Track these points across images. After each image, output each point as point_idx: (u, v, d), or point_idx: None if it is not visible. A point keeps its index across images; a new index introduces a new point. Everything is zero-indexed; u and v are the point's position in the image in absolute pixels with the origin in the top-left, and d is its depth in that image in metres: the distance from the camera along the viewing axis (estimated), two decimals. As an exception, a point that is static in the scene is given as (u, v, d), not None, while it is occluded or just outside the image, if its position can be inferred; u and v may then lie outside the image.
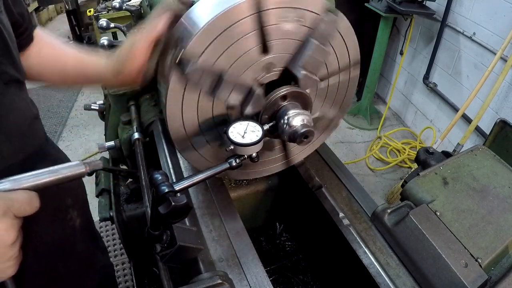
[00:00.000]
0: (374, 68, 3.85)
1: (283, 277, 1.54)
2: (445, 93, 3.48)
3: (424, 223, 0.85)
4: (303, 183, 1.17)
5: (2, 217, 0.53)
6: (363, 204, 1.07)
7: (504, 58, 2.68)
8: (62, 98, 4.48)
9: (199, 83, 0.79)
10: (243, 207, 1.23)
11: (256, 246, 0.96)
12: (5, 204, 0.54)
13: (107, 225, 2.78)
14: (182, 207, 0.68)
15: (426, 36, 3.64)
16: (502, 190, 0.96)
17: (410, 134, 3.97)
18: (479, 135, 3.05)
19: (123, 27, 1.75)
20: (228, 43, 0.78)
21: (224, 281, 0.76)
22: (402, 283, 0.86)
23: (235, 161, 0.82)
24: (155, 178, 0.70)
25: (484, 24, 2.92)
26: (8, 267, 0.55)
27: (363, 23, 3.88)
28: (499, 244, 0.85)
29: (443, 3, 3.26)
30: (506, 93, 2.80)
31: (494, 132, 1.40)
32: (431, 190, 0.94)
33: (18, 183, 0.58)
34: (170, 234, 0.80)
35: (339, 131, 3.96)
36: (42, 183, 0.59)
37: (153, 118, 1.46)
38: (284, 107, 0.87)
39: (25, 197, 0.57)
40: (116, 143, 1.58)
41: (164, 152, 1.23)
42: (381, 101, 4.55)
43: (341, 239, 0.98)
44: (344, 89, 1.03)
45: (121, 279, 2.42)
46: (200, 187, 1.08)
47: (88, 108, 1.86)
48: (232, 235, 0.95)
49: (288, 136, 0.85)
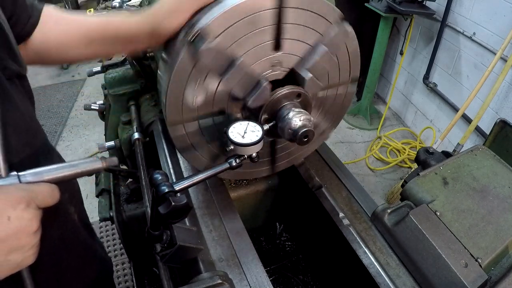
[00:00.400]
0: (374, 68, 3.85)
1: (283, 277, 1.54)
2: (445, 93, 3.48)
3: (424, 223, 0.85)
4: (303, 183, 1.17)
5: (26, 208, 0.55)
6: (363, 204, 1.07)
7: (504, 58, 2.68)
8: (62, 98, 4.48)
9: (210, 65, 0.78)
10: (243, 207, 1.23)
11: (256, 246, 0.96)
12: (29, 195, 0.56)
13: (107, 225, 2.78)
14: (182, 207, 0.68)
15: (426, 36, 3.64)
16: (502, 190, 0.96)
17: (410, 134, 3.97)
18: (479, 135, 3.05)
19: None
20: (246, 31, 0.78)
21: (224, 281, 0.76)
22: (402, 283, 0.86)
23: (235, 161, 0.82)
24: (155, 178, 0.70)
25: (484, 24, 2.92)
26: (30, 256, 0.57)
27: (363, 23, 3.88)
28: (499, 244, 0.85)
29: (443, 3, 3.26)
30: (506, 93, 2.80)
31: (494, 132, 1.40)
32: (431, 190, 0.94)
33: (40, 176, 0.61)
34: (170, 234, 0.80)
35: (339, 131, 3.96)
36: (62, 176, 0.62)
37: (153, 118, 1.46)
38: (285, 106, 0.87)
39: (47, 189, 0.60)
40: (116, 143, 1.58)
41: (164, 152, 1.23)
42: (381, 101, 4.55)
43: (341, 239, 0.98)
44: (339, 103, 1.05)
45: (121, 279, 2.42)
46: (200, 187, 1.08)
47: (88, 108, 1.86)
48: (232, 235, 0.95)
49: (288, 136, 0.85)
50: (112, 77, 1.63)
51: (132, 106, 1.58)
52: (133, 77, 1.62)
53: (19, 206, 0.54)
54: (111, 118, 1.67)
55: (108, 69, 1.71)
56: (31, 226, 0.56)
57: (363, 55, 1.00)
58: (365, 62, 3.82)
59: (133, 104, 1.60)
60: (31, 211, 0.56)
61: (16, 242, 0.54)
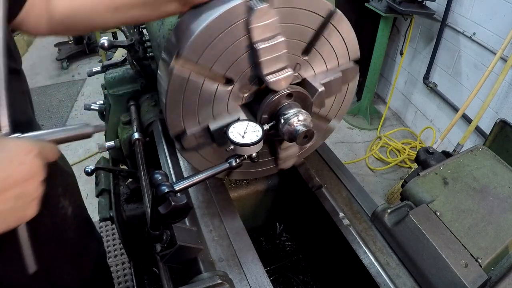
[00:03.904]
0: (374, 68, 3.85)
1: (283, 277, 1.54)
2: (445, 93, 3.48)
3: (424, 223, 0.85)
4: (303, 183, 1.17)
5: (38, 156, 0.58)
6: (363, 204, 1.07)
7: (504, 58, 2.68)
8: (62, 98, 4.48)
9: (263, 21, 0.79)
10: (243, 207, 1.23)
11: (256, 246, 0.96)
12: (39, 146, 0.60)
13: (107, 225, 2.78)
14: (182, 207, 0.68)
15: (426, 36, 3.64)
16: (502, 190, 0.96)
17: (410, 134, 3.97)
18: (479, 135, 3.05)
19: (123, 27, 1.75)
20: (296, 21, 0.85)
21: (224, 281, 0.76)
22: (402, 283, 0.86)
23: (235, 161, 0.82)
24: (155, 178, 0.70)
25: (484, 24, 2.92)
26: (34, 207, 0.59)
27: (363, 23, 3.87)
28: (499, 244, 0.85)
29: (443, 3, 3.26)
30: (506, 93, 2.80)
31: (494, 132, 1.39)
32: (431, 190, 0.94)
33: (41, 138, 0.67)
34: (170, 234, 0.80)
35: (339, 131, 3.97)
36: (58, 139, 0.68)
37: (153, 118, 1.46)
38: (285, 106, 0.87)
39: (51, 145, 0.65)
40: (116, 143, 1.58)
41: (164, 152, 1.23)
42: (381, 101, 4.55)
43: (341, 239, 0.98)
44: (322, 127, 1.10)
45: (121, 279, 2.42)
46: (200, 187, 1.08)
47: (88, 108, 1.86)
48: (232, 235, 0.95)
49: (288, 136, 0.85)
50: (112, 77, 1.63)
51: (132, 106, 1.58)
52: (133, 77, 1.62)
53: (31, 153, 0.57)
54: (111, 118, 1.67)
55: (108, 69, 1.71)
56: (40, 174, 0.58)
57: (363, 55, 1.02)
58: (365, 62, 3.82)
59: (133, 104, 1.60)
60: (41, 160, 0.59)
61: (25, 188, 0.56)
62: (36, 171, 0.58)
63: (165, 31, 1.11)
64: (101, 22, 0.88)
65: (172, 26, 1.08)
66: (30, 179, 0.56)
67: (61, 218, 0.96)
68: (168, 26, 1.10)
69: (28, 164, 0.56)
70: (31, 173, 0.57)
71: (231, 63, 0.82)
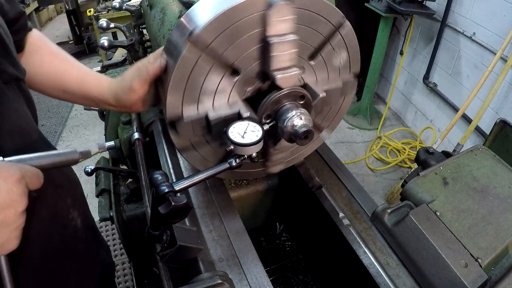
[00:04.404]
0: (374, 68, 3.85)
1: (283, 277, 1.54)
2: (445, 93, 3.48)
3: (424, 223, 0.85)
4: (303, 183, 1.17)
5: (18, 183, 0.54)
6: (363, 204, 1.07)
7: (504, 58, 2.68)
8: (62, 98, 4.48)
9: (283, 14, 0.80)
10: (243, 207, 1.23)
11: (256, 246, 0.96)
12: (21, 172, 0.56)
13: (107, 225, 2.78)
14: (182, 207, 0.68)
15: (426, 36, 3.64)
16: (502, 190, 0.96)
17: (410, 134, 3.97)
18: (479, 135, 3.05)
19: (123, 27, 1.75)
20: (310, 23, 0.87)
21: (224, 281, 0.76)
22: (402, 283, 0.86)
23: (235, 161, 0.82)
24: (155, 178, 0.70)
25: (484, 24, 2.92)
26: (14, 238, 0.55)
27: (363, 23, 3.88)
28: (499, 244, 0.85)
29: (443, 3, 3.26)
30: (506, 93, 2.80)
31: (494, 132, 1.39)
32: (431, 190, 0.94)
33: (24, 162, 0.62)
34: (170, 234, 0.80)
35: (339, 131, 3.97)
36: (43, 165, 0.64)
37: (153, 118, 1.46)
38: (285, 106, 0.87)
39: (35, 171, 0.60)
40: (116, 143, 1.58)
41: (164, 152, 1.23)
42: (381, 101, 4.55)
43: (341, 239, 0.98)
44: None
45: (121, 279, 2.42)
46: (200, 187, 1.08)
47: (88, 108, 1.86)
48: (232, 235, 0.95)
49: (288, 136, 0.85)
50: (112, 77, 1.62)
51: (132, 106, 1.58)
52: (133, 77, 1.61)
53: (10, 180, 0.53)
54: (111, 118, 1.67)
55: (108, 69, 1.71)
56: (20, 203, 0.54)
57: (363, 55, 1.02)
58: (365, 62, 3.82)
59: (133, 104, 1.60)
60: (22, 187, 0.55)
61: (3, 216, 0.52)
62: (16, 199, 0.53)
63: (165, 31, 1.11)
64: (50, 94, 1.01)
65: (172, 26, 1.08)
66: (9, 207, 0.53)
67: (72, 230, 0.93)
68: (168, 26, 1.10)
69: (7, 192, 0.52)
70: (10, 201, 0.53)
71: (241, 54, 0.82)
